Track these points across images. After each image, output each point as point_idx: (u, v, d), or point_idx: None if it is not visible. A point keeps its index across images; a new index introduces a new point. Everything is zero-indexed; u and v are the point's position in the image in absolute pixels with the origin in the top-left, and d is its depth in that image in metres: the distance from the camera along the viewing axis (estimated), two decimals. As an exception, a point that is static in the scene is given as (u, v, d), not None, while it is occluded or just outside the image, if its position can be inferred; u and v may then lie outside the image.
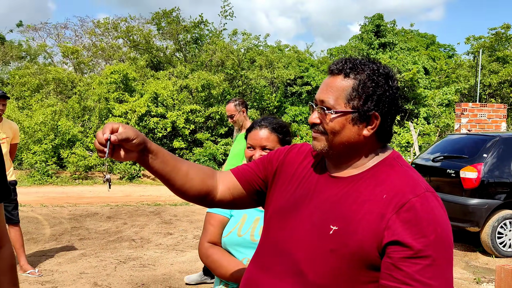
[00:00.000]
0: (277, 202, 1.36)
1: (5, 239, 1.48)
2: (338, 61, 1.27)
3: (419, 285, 1.06)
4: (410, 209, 1.11)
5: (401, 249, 1.08)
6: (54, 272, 5.03)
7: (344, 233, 1.15)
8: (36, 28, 25.11)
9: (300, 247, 1.22)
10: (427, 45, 28.98)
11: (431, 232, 1.09)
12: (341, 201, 1.21)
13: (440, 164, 6.38)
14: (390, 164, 1.25)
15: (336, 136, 1.24)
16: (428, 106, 20.56)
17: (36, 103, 15.81)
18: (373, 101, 1.21)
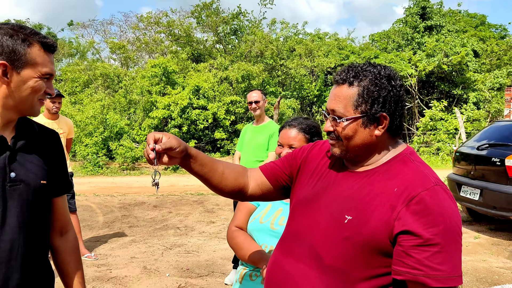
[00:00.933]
0: (300, 195, 1.49)
1: (70, 225, 1.70)
2: (341, 71, 1.37)
3: (428, 270, 1.15)
4: (419, 202, 1.20)
5: (411, 238, 1.17)
6: (108, 256, 5.40)
7: (358, 222, 1.25)
8: (85, 25, 26.29)
9: (317, 234, 1.34)
10: (477, 25, 27.59)
11: (440, 222, 1.17)
12: (356, 194, 1.31)
13: (485, 153, 6.20)
14: (403, 160, 1.34)
15: (351, 141, 1.34)
16: (478, 91, 19.71)
17: (86, 98, 16.64)
18: (379, 103, 1.31)
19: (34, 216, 1.45)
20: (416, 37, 21.59)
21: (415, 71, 19.45)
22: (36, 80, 1.41)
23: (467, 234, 6.31)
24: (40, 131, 1.57)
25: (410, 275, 1.18)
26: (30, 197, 1.43)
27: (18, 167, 1.42)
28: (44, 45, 1.42)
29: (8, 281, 1.39)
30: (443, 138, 16.72)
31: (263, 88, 17.85)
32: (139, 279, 4.62)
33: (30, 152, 1.48)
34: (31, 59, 1.39)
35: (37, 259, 1.48)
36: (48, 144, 1.58)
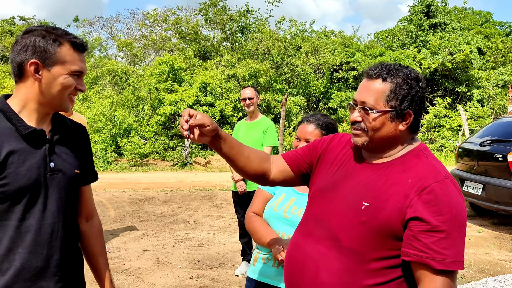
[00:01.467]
0: (319, 183, 1.61)
1: (95, 211, 1.84)
2: (375, 67, 1.47)
3: (433, 253, 1.30)
4: (430, 192, 1.34)
5: (420, 223, 1.31)
6: (121, 249, 5.58)
7: (374, 208, 1.38)
8: (91, 22, 26.47)
9: (336, 218, 1.47)
10: (482, 23, 27.54)
11: (447, 212, 1.31)
12: (373, 183, 1.44)
13: (488, 148, 6.33)
14: (417, 154, 1.47)
15: (376, 132, 1.45)
16: (482, 88, 19.74)
17: (94, 95, 16.82)
18: (408, 101, 1.43)
19: (69, 202, 1.61)
20: (420, 35, 21.64)
21: (420, 68, 19.52)
22: (65, 77, 1.52)
23: (470, 228, 6.46)
24: (72, 125, 1.73)
25: (417, 257, 1.32)
26: (67, 185, 1.59)
27: (56, 158, 1.57)
28: (74, 44, 1.54)
29: (50, 261, 1.54)
30: (447, 135, 16.81)
31: (270, 85, 17.98)
32: (152, 270, 4.80)
33: (64, 144, 1.63)
34: (61, 57, 1.50)
35: (72, 241, 1.64)
36: (79, 137, 1.73)
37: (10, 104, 1.55)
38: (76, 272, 1.67)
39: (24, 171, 1.48)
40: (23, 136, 1.51)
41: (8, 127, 1.51)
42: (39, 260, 1.52)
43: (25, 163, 1.49)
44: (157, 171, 14.11)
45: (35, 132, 1.53)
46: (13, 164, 1.48)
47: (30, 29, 1.53)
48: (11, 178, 1.47)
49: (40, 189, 1.52)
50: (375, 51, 20.63)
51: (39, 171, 1.52)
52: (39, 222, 1.52)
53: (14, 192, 1.48)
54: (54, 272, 1.55)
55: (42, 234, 1.52)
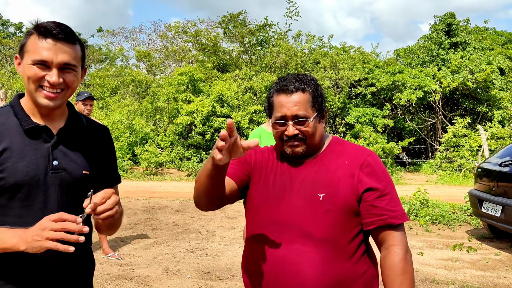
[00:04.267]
0: (262, 192, 1.66)
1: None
2: (288, 81, 1.62)
3: (390, 212, 1.55)
4: (368, 165, 1.60)
5: (372, 192, 1.56)
6: (131, 256, 5.59)
7: (331, 195, 1.55)
8: (115, 33, 27.07)
9: (300, 216, 1.56)
10: (504, 43, 27.20)
11: (385, 177, 1.60)
12: (317, 175, 1.61)
13: (508, 169, 6.17)
14: (337, 142, 1.71)
15: (313, 137, 1.63)
16: (503, 109, 19.39)
17: (114, 103, 17.10)
18: (323, 101, 1.67)
19: (74, 203, 1.51)
20: (441, 54, 21.45)
21: (439, 87, 19.29)
22: (28, 66, 1.42)
23: (488, 251, 6.28)
24: (89, 125, 1.66)
25: (381, 220, 1.54)
26: (71, 185, 1.51)
27: (61, 156, 1.50)
28: (39, 31, 1.43)
29: (49, 263, 1.47)
30: (466, 155, 16.49)
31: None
32: (161, 279, 4.78)
33: (75, 143, 1.56)
34: (27, 47, 1.44)
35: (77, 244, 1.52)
36: (96, 138, 1.66)
37: (22, 101, 1.54)
38: (80, 278, 1.60)
39: (22, 166, 1.44)
40: (25, 131, 1.48)
41: (14, 123, 1.49)
42: (37, 261, 1.45)
43: (24, 158, 1.45)
44: (171, 181, 14.17)
45: (38, 128, 1.49)
46: (11, 159, 1.44)
47: None
48: (7, 173, 1.42)
49: (39, 187, 1.46)
50: (394, 68, 20.52)
51: (39, 167, 1.46)
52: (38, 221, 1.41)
53: (10, 187, 1.43)
54: (53, 275, 1.49)
55: None
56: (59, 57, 1.43)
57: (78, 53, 1.51)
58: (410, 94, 18.34)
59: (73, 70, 1.48)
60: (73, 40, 1.48)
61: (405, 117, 21.39)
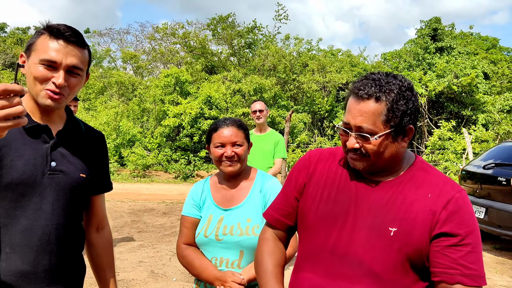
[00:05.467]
0: (317, 210, 1.41)
1: (106, 221, 1.76)
2: (364, 85, 1.30)
3: (463, 268, 1.22)
4: (455, 204, 1.27)
5: (447, 238, 1.24)
6: (116, 259, 5.53)
7: (404, 233, 1.26)
8: (101, 33, 26.84)
9: (366, 251, 1.29)
10: (488, 48, 27.68)
11: (472, 224, 1.26)
12: (389, 204, 1.31)
13: (491, 172, 6.28)
14: (422, 168, 1.38)
15: (380, 156, 1.31)
16: (487, 112, 19.72)
17: (100, 105, 16.94)
18: (407, 115, 1.30)
19: (69, 206, 1.51)
20: (427, 58, 21.74)
21: (425, 91, 19.54)
22: (35, 65, 1.40)
23: (472, 253, 6.35)
24: (87, 130, 1.65)
25: (447, 275, 1.23)
26: (67, 188, 1.50)
27: (59, 158, 1.49)
28: (50, 31, 1.42)
29: (38, 266, 1.43)
30: (451, 158, 16.73)
31: (275, 101, 18.05)
32: (146, 282, 4.73)
33: (73, 147, 1.56)
34: (36, 46, 1.42)
35: (69, 249, 1.53)
36: (93, 144, 1.65)
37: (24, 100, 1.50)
38: (71, 282, 1.57)
39: (20, 164, 1.42)
40: (26, 130, 1.46)
41: None
42: (26, 263, 1.42)
43: (22, 157, 1.43)
44: (159, 183, 14.08)
45: (39, 128, 1.48)
46: (9, 156, 1.42)
47: None
48: (4, 170, 1.40)
49: (35, 187, 1.44)
50: (381, 71, 20.71)
51: (36, 167, 1.44)
52: (31, 223, 1.43)
53: (6, 186, 1.40)
54: (42, 278, 1.45)
55: (32, 236, 1.42)
56: (68, 60, 1.42)
57: (86, 57, 1.50)
58: (397, 98, 18.52)
59: (79, 74, 1.48)
60: (83, 44, 1.48)
61: (391, 120, 21.59)
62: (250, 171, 2.04)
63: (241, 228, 1.88)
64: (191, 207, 1.99)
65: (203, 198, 1.99)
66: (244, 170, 2.01)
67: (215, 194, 1.99)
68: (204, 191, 2.01)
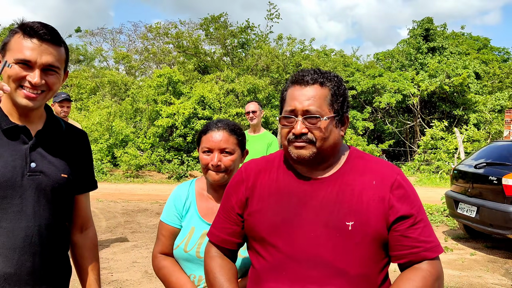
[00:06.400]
0: (267, 219, 1.37)
1: (91, 222, 1.72)
2: (306, 73, 1.36)
3: (424, 244, 1.28)
4: (399, 186, 1.32)
5: (404, 221, 1.28)
6: (110, 260, 5.51)
7: (361, 224, 1.28)
8: (93, 33, 26.69)
9: (328, 250, 1.28)
10: (479, 48, 27.91)
11: (417, 200, 1.34)
12: (340, 198, 1.31)
13: (482, 171, 6.33)
14: (359, 156, 1.41)
15: (326, 141, 1.33)
16: (478, 112, 19.90)
17: (93, 105, 16.84)
18: (346, 103, 1.38)
19: (51, 207, 1.48)
20: (419, 58, 21.88)
21: (418, 90, 19.68)
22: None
23: (464, 251, 6.41)
24: (68, 129, 1.62)
25: (413, 254, 1.28)
26: (48, 189, 1.47)
27: (39, 159, 1.46)
28: (24, 30, 1.39)
29: (22, 267, 1.41)
30: (443, 157, 16.85)
31: (268, 101, 18.07)
32: (140, 283, 4.72)
33: (53, 147, 1.53)
34: (10, 45, 1.40)
35: (53, 250, 1.51)
36: (74, 142, 1.62)
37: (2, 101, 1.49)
38: (56, 283, 1.55)
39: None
40: (3, 132, 1.44)
41: None
42: (9, 266, 1.40)
43: (1, 159, 1.41)
44: (152, 183, 14.03)
45: (17, 129, 1.45)
46: None
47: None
48: None
49: (15, 189, 1.42)
50: (374, 71, 20.82)
51: (16, 169, 1.42)
52: (13, 225, 1.40)
53: None
54: (26, 280, 1.43)
55: (15, 238, 1.40)
56: (43, 58, 1.40)
57: (63, 55, 1.48)
58: (390, 98, 18.65)
59: (56, 72, 1.45)
60: (58, 42, 1.45)
61: (385, 120, 21.73)
62: None
63: None
64: (172, 215, 1.80)
65: (187, 206, 1.80)
66: None
67: (200, 203, 1.80)
68: (188, 197, 1.82)
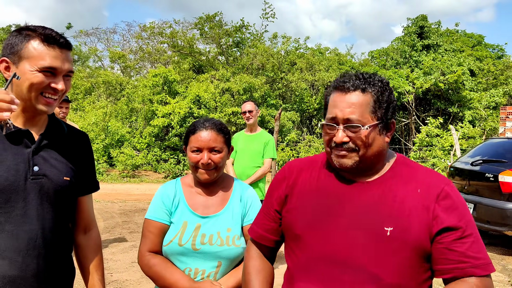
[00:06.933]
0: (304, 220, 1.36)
1: (94, 223, 1.73)
2: (349, 78, 1.32)
3: (473, 260, 1.20)
4: (446, 197, 1.26)
5: (450, 233, 1.21)
6: (109, 260, 5.50)
7: (400, 231, 1.23)
8: (88, 33, 26.57)
9: (364, 254, 1.24)
10: (474, 45, 28.05)
11: (467, 213, 1.26)
12: (381, 203, 1.27)
13: (479, 168, 6.38)
14: (405, 163, 1.37)
15: (369, 149, 1.29)
16: (473, 109, 20.01)
17: (88, 105, 16.79)
18: (391, 108, 1.33)
19: (54, 210, 1.50)
20: (413, 55, 21.96)
21: (412, 88, 19.76)
22: (33, 73, 1.40)
23: (461, 248, 6.45)
24: (69, 132, 1.63)
25: (459, 270, 1.20)
26: (51, 192, 1.48)
27: (42, 162, 1.48)
28: (45, 37, 1.42)
29: (26, 270, 1.42)
30: (439, 154, 16.94)
31: (264, 100, 18.07)
32: (140, 283, 4.72)
33: (56, 149, 1.54)
34: (28, 52, 1.41)
35: (56, 252, 1.52)
36: (76, 145, 1.63)
37: None
38: (60, 285, 1.56)
39: (2, 171, 1.40)
40: (6, 136, 1.44)
41: None
42: (13, 268, 1.40)
43: (3, 163, 1.41)
44: (148, 183, 14.01)
45: (20, 133, 1.46)
46: None
47: (16, 29, 1.48)
48: None
49: (18, 193, 1.43)
50: (369, 69, 20.87)
51: (19, 173, 1.43)
52: (17, 228, 1.41)
53: None
54: (31, 283, 1.44)
55: (19, 241, 1.41)
56: (66, 66, 1.46)
57: (72, 59, 1.54)
58: (385, 95, 18.69)
59: (71, 76, 1.52)
60: (71, 48, 1.52)
61: (380, 117, 21.79)
62: (226, 178, 1.92)
63: (221, 238, 1.75)
64: (160, 212, 1.79)
65: (176, 203, 1.81)
66: (221, 177, 1.88)
67: (189, 199, 1.82)
68: (176, 194, 1.83)
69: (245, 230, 1.81)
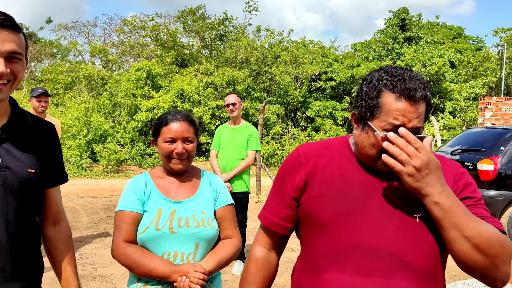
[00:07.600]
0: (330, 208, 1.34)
1: (63, 215, 1.70)
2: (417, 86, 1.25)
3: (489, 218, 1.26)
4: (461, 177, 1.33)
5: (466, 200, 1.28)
6: (93, 255, 5.48)
7: (428, 216, 1.24)
8: (68, 27, 26.09)
9: (396, 242, 1.26)
10: (454, 37, 28.45)
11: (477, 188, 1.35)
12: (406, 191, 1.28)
13: (458, 157, 6.51)
14: None
15: None
16: (454, 100, 20.35)
17: (69, 100, 16.55)
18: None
19: (19, 203, 1.44)
20: (396, 48, 22.19)
21: (395, 80, 19.98)
22: None
23: (441, 235, 6.61)
24: (34, 122, 1.56)
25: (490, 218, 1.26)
26: (16, 184, 1.42)
27: (4, 154, 1.42)
28: None
29: None
30: (421, 145, 17.22)
31: (248, 93, 18.06)
32: (125, 277, 4.72)
33: (20, 141, 1.48)
34: None
35: (22, 246, 1.48)
36: (42, 136, 1.57)
37: None
38: (28, 279, 1.52)
39: None
40: None
41: None
42: None
43: None
44: (132, 178, 13.93)
45: None
46: None
47: None
48: None
49: None
50: (352, 61, 21.03)
51: None
52: None
53: None
54: None
55: None
56: (6, 46, 1.33)
57: (23, 41, 1.41)
58: (368, 87, 18.87)
59: (20, 59, 1.38)
60: (18, 28, 1.38)
61: (363, 109, 21.98)
62: (194, 168, 2.00)
63: (197, 220, 1.82)
64: (133, 201, 1.82)
65: (147, 193, 1.85)
66: (189, 167, 1.97)
67: (161, 188, 1.88)
68: (147, 185, 1.87)
69: (218, 213, 1.91)
